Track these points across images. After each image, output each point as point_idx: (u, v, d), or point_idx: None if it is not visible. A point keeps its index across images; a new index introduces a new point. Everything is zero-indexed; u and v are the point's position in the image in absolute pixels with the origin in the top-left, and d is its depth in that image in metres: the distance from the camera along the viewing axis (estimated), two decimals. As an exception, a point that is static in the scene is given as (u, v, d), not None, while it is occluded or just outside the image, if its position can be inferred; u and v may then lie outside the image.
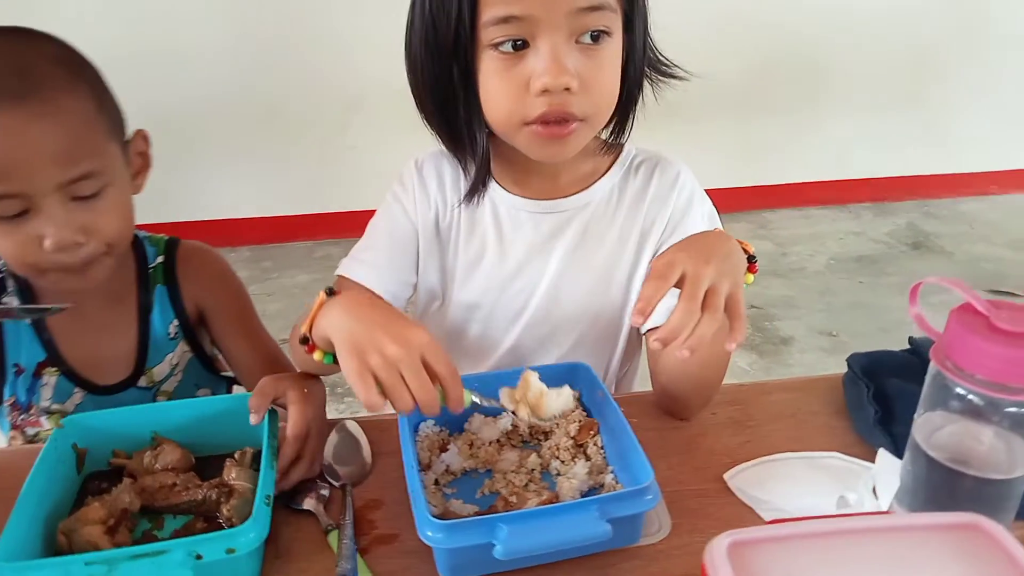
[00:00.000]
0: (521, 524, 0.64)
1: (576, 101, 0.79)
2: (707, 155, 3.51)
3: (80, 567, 0.61)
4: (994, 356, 0.61)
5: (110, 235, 0.83)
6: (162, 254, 0.99)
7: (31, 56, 0.78)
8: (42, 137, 0.76)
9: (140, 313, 0.97)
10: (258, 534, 0.65)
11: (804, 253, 3.30)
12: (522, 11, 0.75)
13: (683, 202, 0.95)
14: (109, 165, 0.82)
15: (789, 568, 0.53)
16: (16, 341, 0.94)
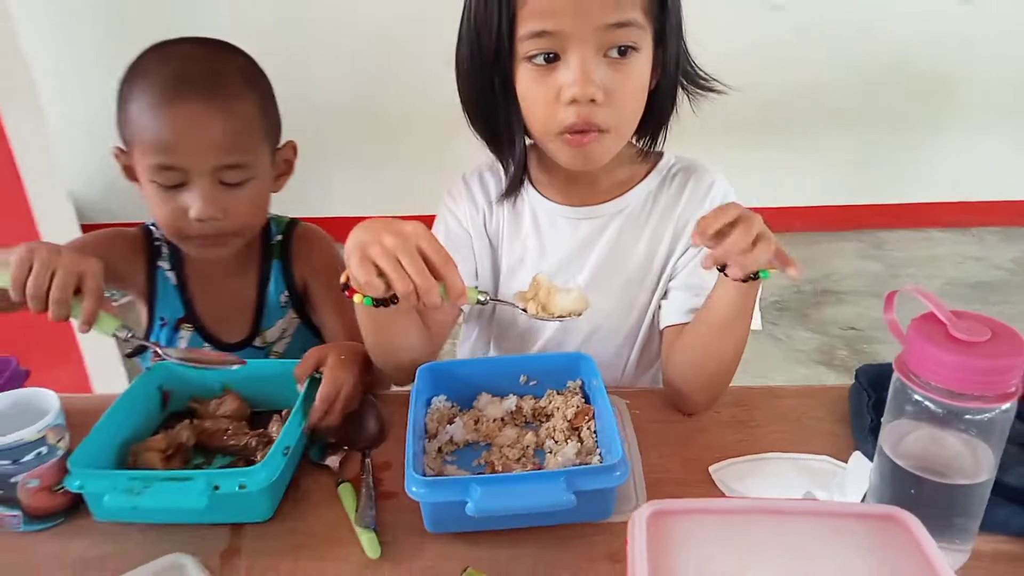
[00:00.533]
0: (493, 486, 0.72)
1: (600, 112, 0.85)
2: (817, 170, 3.43)
3: (124, 480, 0.74)
4: (949, 365, 0.63)
5: (242, 220, 1.00)
6: (281, 233, 1.15)
7: (223, 64, 0.97)
8: (212, 127, 0.93)
9: (259, 282, 1.13)
10: (267, 476, 0.76)
11: (918, 276, 3.16)
12: (554, 26, 0.82)
13: (716, 204, 0.97)
14: (257, 163, 0.99)
15: (703, 538, 0.58)
16: (164, 298, 1.12)
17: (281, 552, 0.75)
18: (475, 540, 0.75)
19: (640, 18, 0.84)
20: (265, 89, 1.02)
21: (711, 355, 0.89)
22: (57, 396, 0.79)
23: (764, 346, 2.72)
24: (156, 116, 0.92)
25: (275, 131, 1.04)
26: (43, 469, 0.76)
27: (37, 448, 0.75)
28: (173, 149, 0.92)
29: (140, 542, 0.76)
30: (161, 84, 0.93)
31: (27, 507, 0.77)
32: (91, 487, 0.75)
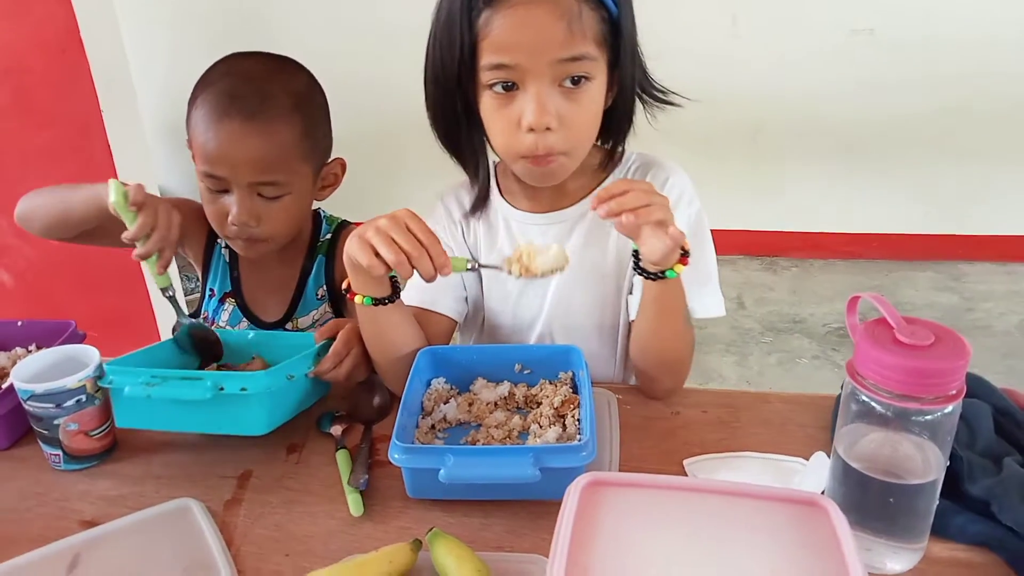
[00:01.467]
0: (464, 457, 0.78)
1: (556, 138, 0.90)
2: (893, 199, 3.34)
3: (146, 376, 0.85)
4: (895, 368, 0.65)
5: (274, 229, 1.10)
6: (331, 232, 1.25)
7: (275, 85, 1.06)
8: (252, 147, 1.03)
9: (302, 273, 1.23)
10: (268, 384, 0.85)
11: (995, 311, 3.03)
12: (511, 60, 0.88)
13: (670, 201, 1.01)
14: (294, 181, 1.08)
15: (631, 510, 0.62)
16: (215, 271, 1.25)
17: (277, 504, 0.83)
18: (450, 507, 0.81)
19: (593, 50, 0.89)
20: (314, 112, 1.10)
21: (652, 341, 0.95)
22: (98, 353, 0.90)
23: (822, 373, 2.68)
24: (206, 128, 1.03)
25: (321, 150, 1.13)
26: (81, 415, 0.87)
27: (77, 395, 0.86)
28: (217, 161, 1.04)
29: (156, 487, 0.86)
30: (215, 99, 1.03)
31: (67, 447, 0.88)
32: (118, 381, 0.86)
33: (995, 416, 0.87)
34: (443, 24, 0.92)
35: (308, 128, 1.08)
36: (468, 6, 0.88)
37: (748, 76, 3.06)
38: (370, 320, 0.96)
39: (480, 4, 0.88)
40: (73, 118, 2.07)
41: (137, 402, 0.85)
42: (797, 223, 3.43)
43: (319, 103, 1.13)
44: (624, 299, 1.07)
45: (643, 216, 0.81)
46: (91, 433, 0.88)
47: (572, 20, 0.86)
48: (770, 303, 3.11)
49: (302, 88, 1.10)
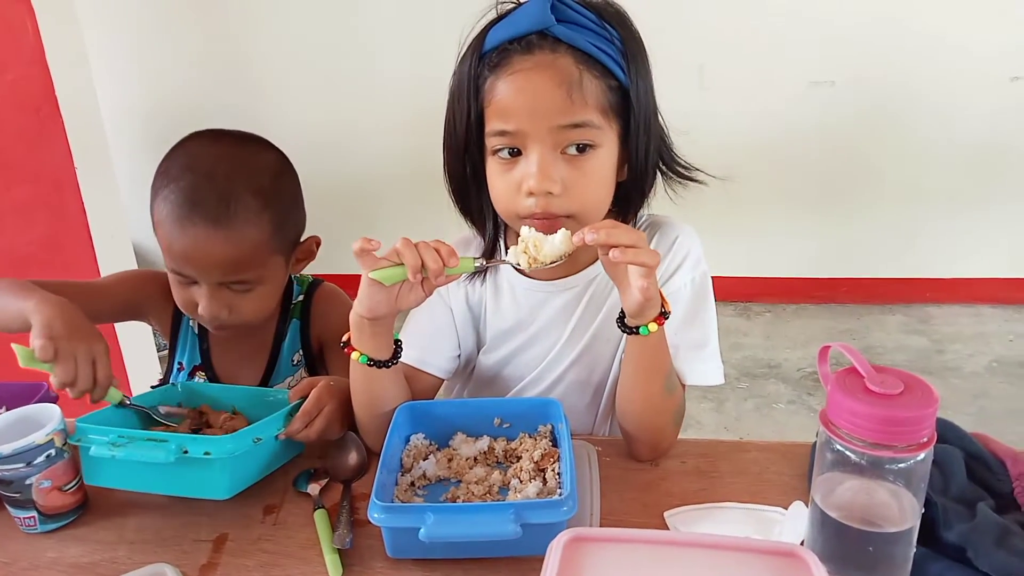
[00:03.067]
0: (444, 515, 0.77)
1: (559, 203, 0.91)
2: (862, 241, 3.41)
3: (114, 436, 0.85)
4: (866, 417, 0.66)
5: (247, 317, 1.09)
6: (303, 293, 1.23)
7: (236, 185, 1.02)
8: (218, 252, 1.01)
9: (275, 339, 1.21)
10: (232, 448, 0.85)
11: (963, 352, 3.08)
12: (514, 127, 0.89)
13: (674, 265, 1.03)
14: (266, 273, 1.07)
15: (614, 565, 0.62)
16: (183, 344, 1.22)
17: (253, 567, 0.82)
18: (432, 567, 0.80)
19: (596, 119, 0.89)
20: (285, 202, 1.08)
21: (633, 406, 0.95)
22: (59, 409, 0.90)
23: (798, 418, 2.70)
24: (170, 230, 1.01)
25: (293, 236, 1.12)
26: (53, 470, 0.86)
27: (47, 450, 0.85)
28: (183, 261, 1.02)
29: (128, 552, 0.84)
30: (178, 199, 1.00)
31: (42, 507, 0.86)
32: (87, 439, 0.86)
33: (967, 461, 0.88)
34: (455, 91, 0.95)
35: (278, 223, 1.06)
36: (475, 74, 0.91)
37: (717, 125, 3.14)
38: (362, 378, 0.95)
39: (485, 72, 0.90)
40: (47, 175, 2.07)
41: (103, 461, 0.84)
42: (769, 269, 3.49)
43: (288, 191, 1.10)
44: (616, 358, 1.07)
45: (630, 255, 0.80)
46: (64, 488, 0.87)
47: (572, 87, 0.87)
48: (745, 348, 3.14)
49: (268, 181, 1.06)
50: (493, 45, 0.91)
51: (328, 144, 3.32)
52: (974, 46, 3.03)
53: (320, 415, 0.95)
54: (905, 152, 3.23)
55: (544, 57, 0.88)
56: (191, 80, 3.36)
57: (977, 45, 3.03)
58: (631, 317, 0.87)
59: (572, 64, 0.88)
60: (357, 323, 0.91)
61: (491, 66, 0.91)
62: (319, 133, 3.33)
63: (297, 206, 1.12)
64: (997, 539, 0.75)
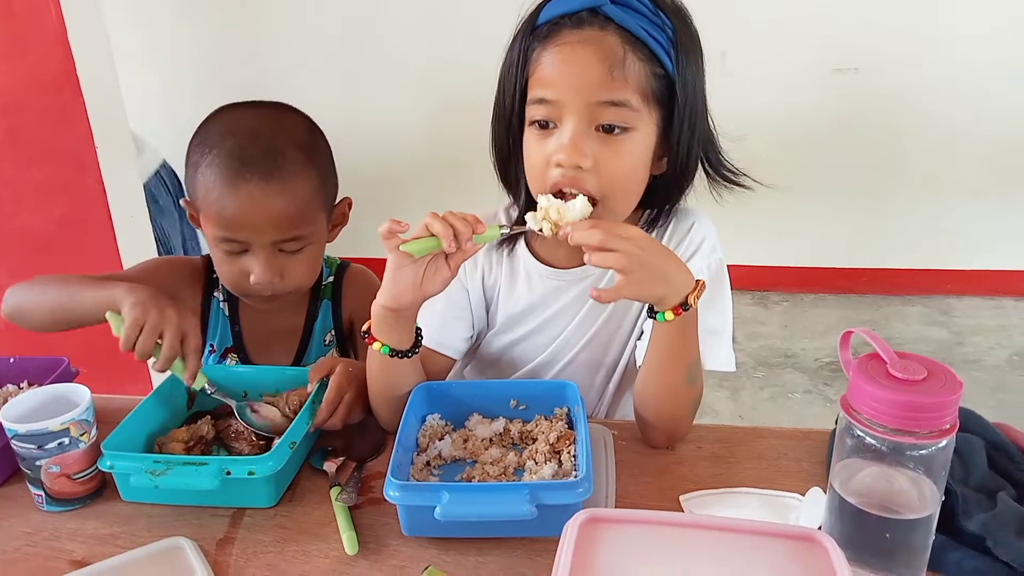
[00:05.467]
0: (460, 494, 0.77)
1: (588, 179, 0.90)
2: (883, 234, 3.38)
3: (149, 463, 0.84)
4: (888, 403, 0.66)
5: (299, 280, 1.10)
6: (333, 275, 1.24)
7: (280, 141, 1.04)
8: (273, 207, 1.02)
9: (307, 320, 1.22)
10: (274, 464, 0.84)
11: (984, 345, 3.05)
12: (553, 96, 0.90)
13: (690, 251, 1.02)
14: (314, 230, 1.08)
15: (629, 546, 0.62)
16: (215, 326, 1.22)
17: (270, 543, 0.82)
18: (446, 545, 0.81)
19: (635, 101, 0.88)
20: (323, 160, 1.10)
21: (652, 392, 0.94)
22: (90, 393, 0.89)
23: (814, 407, 2.68)
24: (220, 194, 1.01)
25: (332, 194, 1.13)
26: (64, 457, 0.85)
27: (59, 438, 0.85)
28: (235, 226, 1.02)
29: (147, 526, 0.85)
30: (224, 162, 1.01)
31: (49, 489, 0.87)
32: (120, 467, 0.85)
33: (988, 450, 0.87)
34: (506, 63, 0.95)
35: (323, 177, 1.08)
36: (526, 46, 0.92)
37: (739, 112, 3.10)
38: (380, 366, 0.95)
39: (535, 43, 0.91)
40: (68, 156, 2.08)
41: (142, 487, 0.84)
42: (788, 258, 3.46)
43: (325, 148, 1.12)
44: (631, 340, 1.07)
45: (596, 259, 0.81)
46: (74, 476, 0.87)
47: (615, 64, 0.87)
48: (762, 338, 3.12)
49: (307, 137, 1.09)
50: (546, 19, 0.91)
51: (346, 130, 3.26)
52: (1001, 33, 2.98)
53: (343, 403, 0.95)
54: (928, 141, 3.18)
55: (592, 33, 0.88)
56: (210, 65, 3.36)
57: (1004, 32, 2.97)
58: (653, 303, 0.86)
59: (618, 43, 0.87)
60: (380, 314, 0.91)
61: (541, 38, 0.91)
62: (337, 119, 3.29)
63: (332, 162, 1.13)
64: (1018, 529, 0.75)
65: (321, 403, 0.95)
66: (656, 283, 0.83)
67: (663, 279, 0.84)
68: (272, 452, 0.85)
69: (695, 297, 0.85)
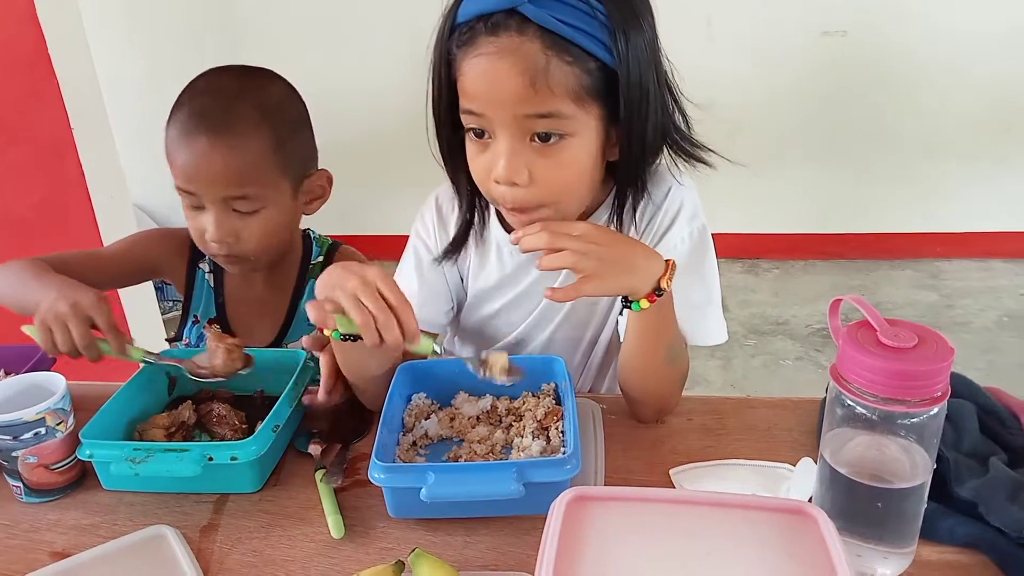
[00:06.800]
0: (446, 474, 0.76)
1: (526, 194, 0.86)
2: (871, 198, 3.36)
3: (129, 450, 0.82)
4: (879, 371, 0.64)
5: (253, 245, 1.07)
6: (323, 254, 1.22)
7: (240, 100, 1.04)
8: (221, 162, 1.01)
9: (293, 298, 1.20)
10: (257, 449, 0.83)
11: (973, 307, 3.05)
12: (479, 108, 0.84)
13: (668, 218, 0.97)
14: (270, 194, 1.05)
15: (617, 523, 0.61)
16: (199, 297, 1.22)
17: (254, 529, 0.81)
18: (433, 526, 0.79)
19: (566, 108, 0.83)
20: (285, 124, 1.07)
21: (633, 373, 0.92)
22: (65, 381, 0.87)
23: (806, 374, 2.68)
24: (177, 147, 1.02)
25: (298, 162, 1.09)
26: (40, 448, 0.84)
27: (35, 428, 0.83)
28: (188, 178, 1.03)
29: (129, 515, 0.84)
30: (185, 117, 1.03)
31: (27, 480, 0.85)
32: (100, 456, 0.83)
33: (979, 415, 0.86)
34: (432, 63, 0.89)
35: (279, 140, 1.05)
36: (446, 48, 0.86)
37: (726, 77, 3.06)
38: (340, 351, 0.92)
39: (455, 48, 0.85)
40: (43, 136, 2.04)
41: (123, 475, 0.82)
42: (778, 225, 3.45)
43: (293, 114, 1.10)
44: (611, 316, 1.05)
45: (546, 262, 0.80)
46: (52, 466, 0.85)
47: (536, 76, 0.80)
48: (753, 305, 3.12)
49: (273, 100, 1.07)
50: (463, 19, 0.84)
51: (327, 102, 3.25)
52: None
53: (336, 384, 0.94)
54: (916, 104, 3.16)
55: (510, 41, 0.80)
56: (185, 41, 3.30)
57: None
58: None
59: (539, 50, 0.80)
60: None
61: (459, 43, 0.84)
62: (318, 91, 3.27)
63: (302, 132, 1.11)
64: (1010, 494, 0.74)
65: (304, 382, 0.94)
66: (620, 276, 0.81)
67: (628, 270, 0.81)
68: (255, 436, 0.84)
69: (668, 280, 0.82)
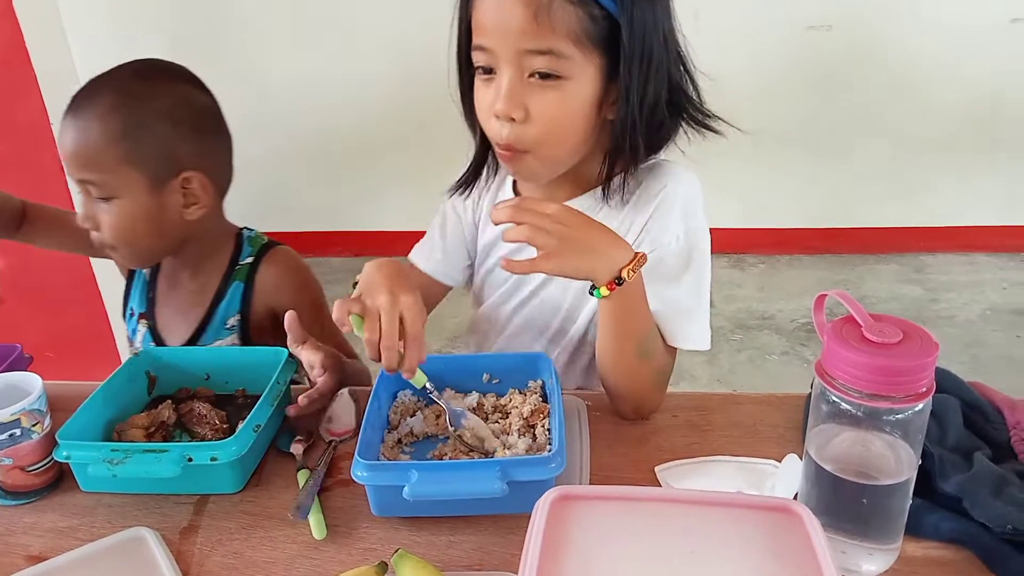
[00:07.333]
0: (429, 472, 0.75)
1: (520, 131, 0.88)
2: (854, 192, 3.38)
3: (107, 451, 0.81)
4: (863, 367, 0.64)
5: (111, 235, 1.06)
6: (253, 255, 1.17)
7: (107, 84, 1.04)
8: (69, 142, 1.02)
9: (215, 299, 1.16)
10: (238, 449, 0.81)
11: (957, 301, 3.07)
12: (486, 43, 0.87)
13: (661, 211, 0.96)
14: (118, 184, 1.03)
15: (601, 522, 0.60)
16: (135, 291, 1.22)
17: (235, 530, 0.80)
18: (417, 525, 0.79)
19: (565, 48, 0.84)
20: (147, 112, 1.03)
21: (606, 366, 0.92)
22: (41, 382, 0.85)
23: (791, 368, 2.69)
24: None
25: (157, 158, 1.04)
26: (16, 449, 0.82)
27: (10, 430, 0.81)
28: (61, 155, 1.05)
29: (107, 516, 0.82)
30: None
31: (2, 483, 0.83)
32: (77, 457, 0.82)
33: (964, 410, 0.86)
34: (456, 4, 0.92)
35: (131, 129, 1.02)
36: None
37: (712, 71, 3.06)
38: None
39: None
40: (21, 130, 2.01)
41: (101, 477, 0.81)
42: (763, 219, 3.45)
43: (164, 107, 1.05)
44: (586, 312, 1.05)
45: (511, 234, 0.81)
46: (29, 468, 0.83)
47: (539, 10, 0.82)
48: (738, 300, 3.12)
49: (142, 89, 1.05)
50: None
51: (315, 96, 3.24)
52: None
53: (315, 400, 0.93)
54: (901, 99, 3.17)
55: None
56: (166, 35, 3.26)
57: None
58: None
59: None
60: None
61: None
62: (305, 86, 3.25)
63: (175, 128, 1.05)
64: (994, 489, 0.74)
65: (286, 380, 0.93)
66: (578, 257, 0.82)
67: (587, 253, 0.82)
68: (235, 436, 0.82)
69: (630, 270, 0.82)
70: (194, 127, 1.08)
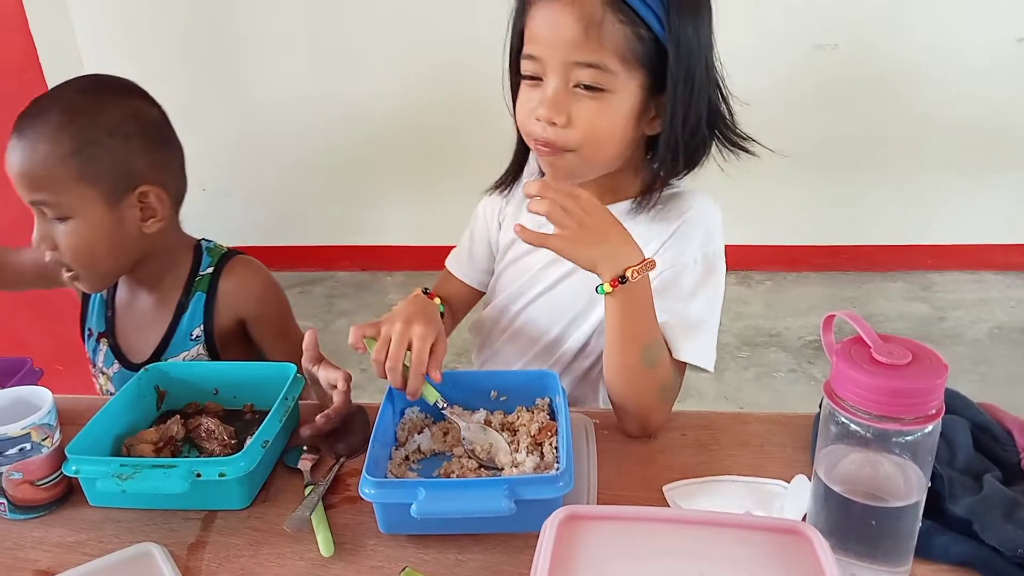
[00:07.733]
0: (437, 490, 0.75)
1: (561, 134, 0.92)
2: (862, 210, 3.38)
3: (115, 466, 0.81)
4: (872, 389, 0.64)
5: (66, 255, 1.04)
6: (213, 265, 1.17)
7: (55, 103, 1.03)
8: (17, 163, 1.00)
9: (176, 312, 1.15)
10: (246, 465, 0.82)
11: (965, 319, 3.06)
12: (537, 52, 0.91)
13: (682, 232, 0.99)
14: (73, 203, 1.02)
15: (610, 543, 0.60)
16: (93, 310, 1.21)
17: (243, 546, 0.80)
18: (425, 543, 0.78)
19: (612, 64, 0.88)
20: (97, 129, 1.02)
21: (612, 373, 0.93)
22: (52, 396, 0.86)
23: (799, 386, 2.68)
24: None
25: (112, 175, 1.03)
26: (26, 464, 0.82)
27: (20, 444, 0.81)
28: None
29: (115, 532, 0.82)
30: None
31: (11, 497, 0.83)
32: (86, 472, 0.82)
33: (973, 431, 0.86)
34: (513, 8, 0.96)
35: (79, 147, 1.00)
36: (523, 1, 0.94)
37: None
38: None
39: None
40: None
41: (110, 492, 0.81)
42: (770, 237, 3.45)
43: (114, 122, 1.03)
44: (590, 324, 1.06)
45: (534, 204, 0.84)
46: (38, 483, 0.83)
47: (590, 25, 0.86)
48: (746, 317, 3.12)
49: (91, 106, 1.03)
50: None
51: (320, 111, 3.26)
52: (979, 6, 2.97)
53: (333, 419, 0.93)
54: (907, 117, 3.18)
55: None
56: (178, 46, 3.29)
57: (982, 5, 2.96)
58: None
59: (599, 4, 0.86)
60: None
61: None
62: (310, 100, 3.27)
63: (126, 142, 1.04)
64: (1004, 512, 0.74)
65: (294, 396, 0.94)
66: (589, 245, 0.84)
67: (599, 244, 0.85)
68: (244, 452, 0.83)
69: (635, 272, 0.84)
70: (145, 140, 1.06)
